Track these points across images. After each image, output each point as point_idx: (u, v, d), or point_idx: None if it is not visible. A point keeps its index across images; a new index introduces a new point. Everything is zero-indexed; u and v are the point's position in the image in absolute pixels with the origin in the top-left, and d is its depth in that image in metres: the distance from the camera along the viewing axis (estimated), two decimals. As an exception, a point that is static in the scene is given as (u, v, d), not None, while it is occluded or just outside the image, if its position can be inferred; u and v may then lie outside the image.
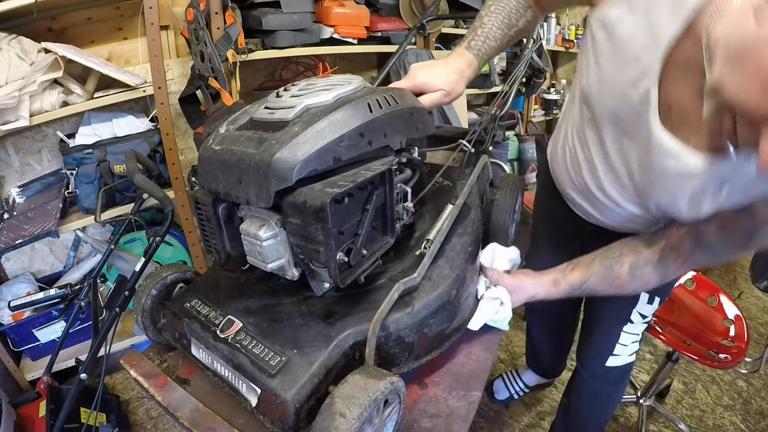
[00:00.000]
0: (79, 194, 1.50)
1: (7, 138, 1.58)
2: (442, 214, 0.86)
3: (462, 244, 0.84)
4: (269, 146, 0.63)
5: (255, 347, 0.68)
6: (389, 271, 0.78)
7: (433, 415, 0.74)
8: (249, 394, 0.66)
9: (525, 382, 1.72)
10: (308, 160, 0.62)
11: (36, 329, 1.56)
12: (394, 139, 0.76)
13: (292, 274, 0.72)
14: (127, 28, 1.70)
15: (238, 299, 0.80)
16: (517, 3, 0.87)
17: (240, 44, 1.55)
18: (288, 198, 0.63)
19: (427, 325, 0.75)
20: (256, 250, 0.69)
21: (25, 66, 1.29)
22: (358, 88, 0.76)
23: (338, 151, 0.66)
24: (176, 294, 0.89)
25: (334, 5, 1.81)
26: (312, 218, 0.60)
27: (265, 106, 0.76)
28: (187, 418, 0.72)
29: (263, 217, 0.69)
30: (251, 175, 0.64)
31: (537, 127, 3.33)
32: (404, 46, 1.53)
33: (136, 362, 0.86)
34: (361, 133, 0.69)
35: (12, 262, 1.76)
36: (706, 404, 1.70)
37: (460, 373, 0.82)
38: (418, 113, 0.82)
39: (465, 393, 0.77)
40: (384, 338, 0.70)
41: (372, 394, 0.56)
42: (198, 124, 1.67)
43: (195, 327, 0.76)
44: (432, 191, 0.92)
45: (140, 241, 1.74)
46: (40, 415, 1.33)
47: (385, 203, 0.71)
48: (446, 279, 0.77)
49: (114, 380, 1.80)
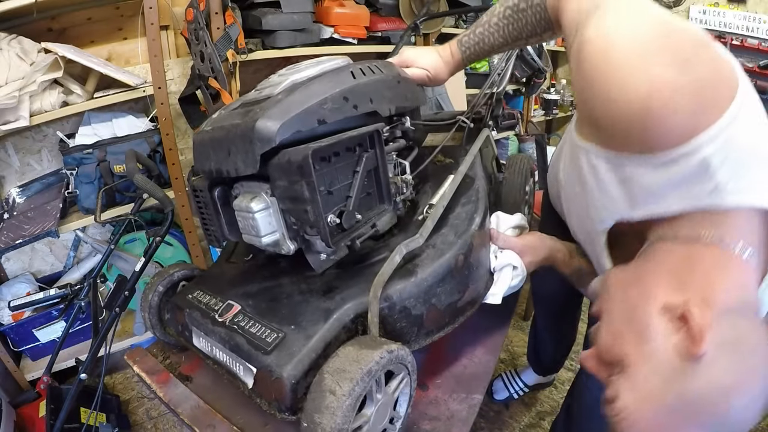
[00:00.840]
0: (79, 194, 1.50)
1: (7, 138, 1.58)
2: (444, 182, 0.85)
3: (467, 212, 0.82)
4: (254, 114, 0.64)
5: (252, 327, 0.67)
6: (391, 245, 0.76)
7: (433, 417, 0.73)
8: (246, 376, 0.64)
9: (524, 382, 1.72)
10: (291, 120, 0.63)
11: (36, 329, 1.56)
12: (382, 106, 0.76)
13: (288, 248, 0.70)
14: (127, 28, 1.70)
15: (239, 285, 0.79)
16: (538, 21, 0.78)
17: (240, 44, 1.55)
18: (273, 161, 0.63)
19: (435, 295, 0.72)
20: (249, 224, 0.68)
21: (25, 66, 1.29)
22: (344, 64, 0.78)
23: (322, 114, 0.66)
24: (181, 289, 0.89)
25: (334, 5, 1.81)
26: (296, 174, 0.60)
27: (255, 90, 0.77)
28: (187, 415, 0.73)
29: (254, 190, 0.69)
30: (237, 143, 0.64)
31: (537, 127, 3.32)
32: (400, 47, 1.53)
33: (139, 358, 0.87)
34: (345, 97, 0.69)
35: (12, 262, 1.76)
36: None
37: (462, 376, 0.81)
38: (405, 82, 0.83)
39: (466, 396, 0.77)
40: (388, 309, 0.67)
41: (365, 365, 0.53)
42: (198, 124, 1.67)
43: (195, 315, 0.75)
44: (434, 169, 0.91)
45: (140, 241, 1.74)
46: (40, 415, 1.33)
47: (377, 168, 0.70)
48: (452, 245, 0.75)
49: (114, 380, 1.80)
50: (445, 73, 0.91)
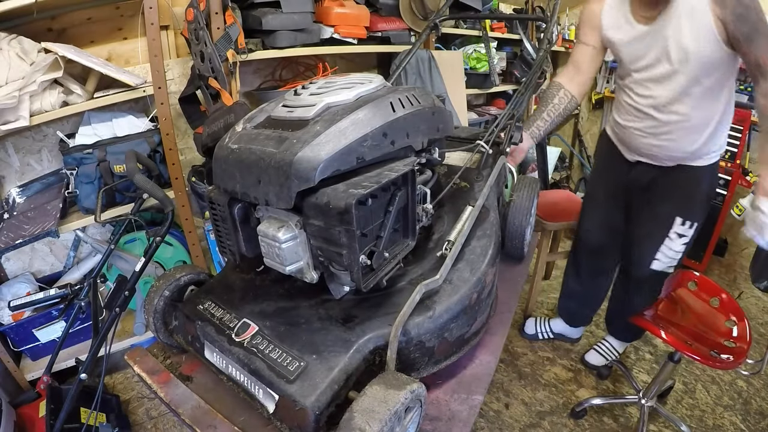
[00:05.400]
0: (79, 194, 1.50)
1: (7, 138, 1.58)
2: (462, 215, 0.84)
3: (482, 247, 0.82)
4: (290, 145, 0.62)
5: (272, 352, 0.67)
6: (409, 274, 0.77)
7: (434, 418, 0.73)
8: (266, 400, 0.65)
9: (552, 328, 2.00)
10: (331, 160, 0.61)
11: (36, 329, 1.56)
12: (417, 139, 0.76)
13: (311, 277, 0.71)
14: (127, 28, 1.70)
15: (253, 302, 0.78)
16: (560, 99, 1.42)
17: (240, 44, 1.55)
18: (310, 199, 0.62)
19: (448, 330, 0.73)
20: (274, 252, 0.68)
21: (25, 66, 1.28)
22: (379, 87, 0.75)
23: (361, 151, 0.65)
24: (188, 296, 0.87)
25: (334, 5, 1.81)
26: (335, 220, 0.59)
27: (283, 104, 0.74)
28: (188, 415, 0.73)
29: (282, 218, 0.68)
30: (271, 174, 0.62)
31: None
32: (418, 46, 1.52)
33: (139, 358, 0.86)
34: (384, 133, 0.68)
35: (12, 262, 1.76)
36: (706, 404, 1.70)
37: (463, 377, 0.81)
38: (439, 113, 0.82)
39: (467, 397, 0.77)
40: (405, 343, 0.69)
41: (392, 406, 0.55)
42: (198, 124, 1.67)
43: (209, 330, 0.74)
44: (450, 193, 0.91)
45: (140, 241, 1.74)
46: (40, 415, 1.33)
47: (407, 204, 0.70)
48: (467, 282, 0.76)
49: (114, 380, 1.80)
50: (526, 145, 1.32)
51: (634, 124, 1.36)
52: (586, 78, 1.42)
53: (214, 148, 1.67)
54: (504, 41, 2.87)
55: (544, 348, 2.00)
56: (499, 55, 2.76)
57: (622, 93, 1.40)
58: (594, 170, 1.75)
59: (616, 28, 1.27)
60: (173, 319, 0.84)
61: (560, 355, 1.95)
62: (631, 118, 1.36)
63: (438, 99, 0.84)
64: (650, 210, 1.48)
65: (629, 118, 1.37)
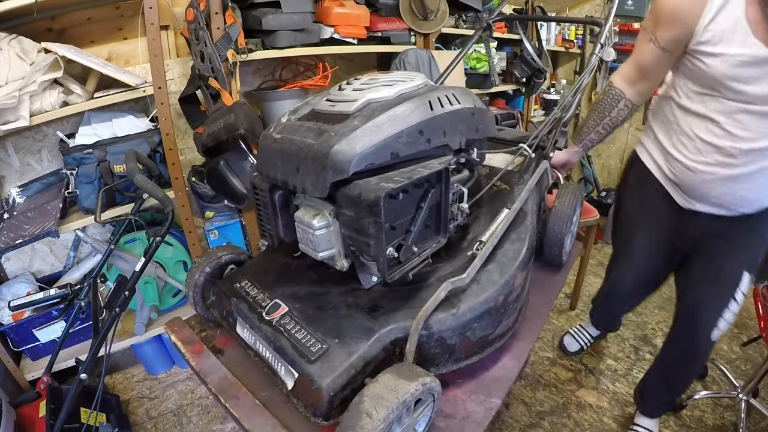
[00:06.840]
0: (79, 194, 1.50)
1: (7, 138, 1.58)
2: (497, 217, 0.85)
3: (514, 251, 0.82)
4: (328, 137, 0.64)
5: (298, 332, 0.70)
6: (438, 271, 0.78)
7: (448, 415, 0.73)
8: (286, 377, 0.68)
9: (590, 334, 1.95)
10: (366, 153, 0.63)
11: (36, 329, 1.56)
12: (454, 139, 0.77)
13: (342, 265, 0.73)
14: (127, 28, 1.70)
15: (287, 284, 0.81)
16: (619, 111, 1.21)
17: (240, 44, 1.55)
18: (343, 190, 0.64)
19: (471, 329, 0.74)
20: (308, 238, 0.71)
21: (25, 66, 1.29)
22: (420, 85, 0.77)
23: (396, 147, 0.67)
24: (227, 274, 0.92)
25: (334, 5, 1.81)
26: (365, 211, 0.61)
27: (326, 99, 0.77)
28: (215, 385, 0.76)
29: (318, 207, 0.71)
30: (309, 164, 0.65)
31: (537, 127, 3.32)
32: (470, 46, 1.51)
33: (177, 328, 0.91)
34: (421, 131, 0.69)
35: (12, 262, 1.76)
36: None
37: (484, 378, 0.81)
38: (479, 114, 0.82)
39: (485, 398, 0.77)
40: (426, 337, 0.70)
41: (401, 396, 0.56)
42: (198, 124, 1.67)
43: (242, 307, 0.78)
44: (489, 194, 0.91)
45: (140, 241, 1.74)
46: (40, 415, 1.33)
47: (440, 202, 0.71)
48: (495, 284, 0.76)
49: (114, 380, 1.80)
50: (575, 159, 1.31)
51: (710, 169, 1.07)
52: (651, 86, 1.17)
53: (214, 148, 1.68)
54: (504, 41, 2.87)
55: (544, 348, 2.00)
56: (499, 55, 2.76)
57: (694, 123, 1.08)
58: (624, 209, 1.41)
59: (726, 42, 0.95)
60: (211, 294, 0.89)
61: (560, 355, 1.95)
62: (708, 159, 1.07)
63: (479, 100, 0.84)
64: (712, 268, 1.21)
65: (703, 160, 1.08)
